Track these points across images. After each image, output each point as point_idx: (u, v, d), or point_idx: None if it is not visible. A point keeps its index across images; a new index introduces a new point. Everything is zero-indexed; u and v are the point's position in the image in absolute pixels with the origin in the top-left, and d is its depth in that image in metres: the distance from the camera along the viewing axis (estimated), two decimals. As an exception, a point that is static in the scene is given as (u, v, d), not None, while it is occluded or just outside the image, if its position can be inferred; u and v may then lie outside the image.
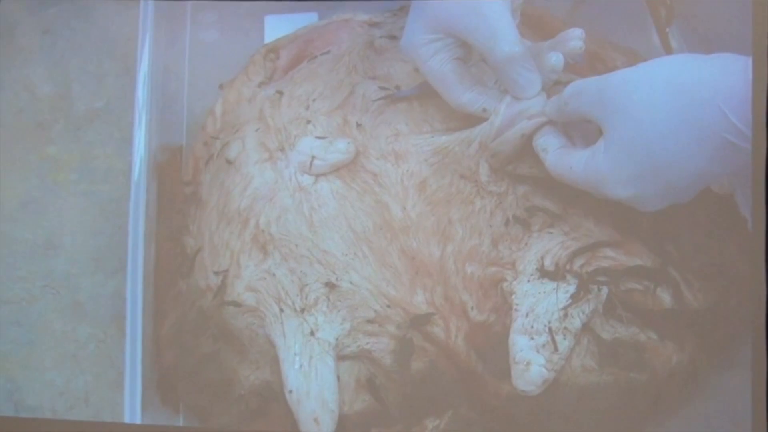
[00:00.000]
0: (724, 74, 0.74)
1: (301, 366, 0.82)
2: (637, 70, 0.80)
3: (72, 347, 0.95)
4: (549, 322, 0.81)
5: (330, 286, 0.86)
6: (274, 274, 0.87)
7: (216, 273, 0.89)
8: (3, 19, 1.11)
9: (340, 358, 0.84)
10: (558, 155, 0.84)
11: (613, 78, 0.80)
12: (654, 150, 0.76)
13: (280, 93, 1.00)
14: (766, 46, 0.74)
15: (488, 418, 0.84)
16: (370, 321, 0.85)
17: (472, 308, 0.85)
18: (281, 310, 0.85)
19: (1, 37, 1.11)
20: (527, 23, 1.04)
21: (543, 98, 0.86)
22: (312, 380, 0.82)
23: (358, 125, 0.94)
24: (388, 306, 0.85)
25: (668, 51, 1.09)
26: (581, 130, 0.84)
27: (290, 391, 0.82)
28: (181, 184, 1.00)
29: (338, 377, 0.83)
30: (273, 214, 0.89)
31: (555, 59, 0.87)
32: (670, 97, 0.76)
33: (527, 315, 0.82)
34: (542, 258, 0.85)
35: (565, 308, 0.81)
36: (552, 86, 0.88)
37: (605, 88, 0.80)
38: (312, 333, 0.84)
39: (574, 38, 0.89)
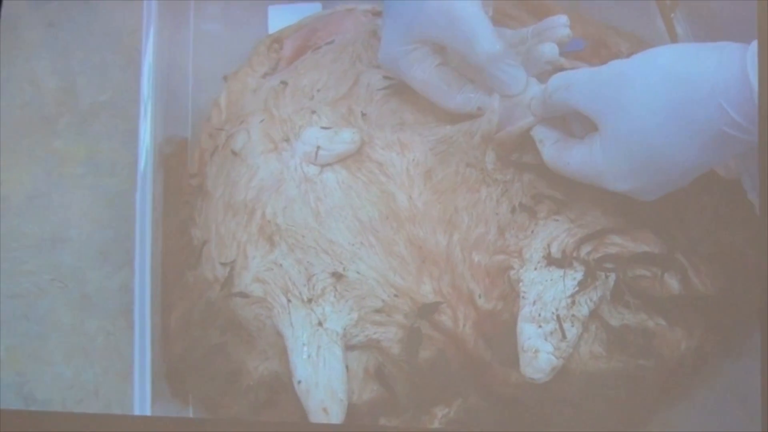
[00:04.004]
0: (723, 66, 0.73)
1: (309, 356, 0.83)
2: (632, 63, 0.79)
3: (80, 340, 0.95)
4: (557, 310, 0.81)
5: (337, 276, 0.86)
6: (281, 265, 0.87)
7: (223, 264, 0.89)
8: (6, 14, 1.11)
9: (349, 347, 0.84)
10: (554, 149, 0.84)
11: (607, 71, 0.80)
12: (652, 145, 0.76)
13: (285, 83, 1.00)
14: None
15: (497, 406, 0.84)
16: (377, 310, 0.85)
17: (479, 296, 0.85)
18: (289, 301, 0.85)
19: (5, 31, 1.11)
20: (529, 9, 1.04)
21: (538, 88, 0.86)
22: (320, 370, 0.82)
23: (363, 115, 0.94)
24: (396, 295, 0.85)
25: (673, 37, 1.09)
26: (579, 116, 0.83)
27: (299, 382, 0.82)
28: (187, 176, 1.00)
29: (347, 367, 0.83)
30: (279, 204, 0.89)
31: (550, 50, 0.88)
32: (667, 92, 0.75)
33: (535, 303, 0.82)
34: (549, 245, 0.85)
35: (572, 295, 0.81)
36: (553, 74, 0.88)
37: (599, 81, 0.79)
38: (320, 323, 0.84)
39: (560, 26, 0.89)
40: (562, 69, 0.88)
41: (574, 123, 0.84)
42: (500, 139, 0.88)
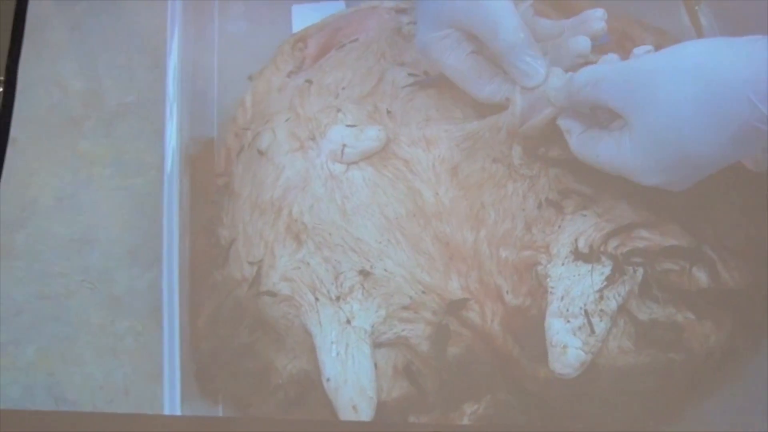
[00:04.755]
0: (753, 60, 0.72)
1: (338, 354, 0.83)
2: (661, 58, 0.78)
3: (110, 341, 0.95)
4: (585, 305, 0.81)
5: (364, 273, 0.86)
6: (308, 263, 0.87)
7: (251, 263, 0.90)
8: (32, 16, 1.12)
9: (377, 345, 0.84)
10: (582, 140, 0.83)
11: (636, 66, 0.79)
12: (682, 139, 0.75)
13: (310, 82, 1.00)
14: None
15: (526, 401, 0.84)
16: (405, 308, 0.85)
17: (507, 292, 0.84)
18: (316, 299, 0.85)
19: (31, 33, 1.11)
20: (555, 7, 1.04)
21: (557, 79, 0.86)
22: (349, 368, 0.82)
23: (389, 112, 0.94)
24: (423, 292, 0.85)
25: (698, 29, 1.09)
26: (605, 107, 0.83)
27: (328, 380, 0.82)
28: (213, 175, 1.00)
29: (375, 364, 0.83)
30: (306, 203, 0.90)
31: (582, 44, 0.87)
32: (698, 88, 0.74)
33: (563, 298, 0.81)
34: (576, 240, 0.85)
35: (600, 290, 0.81)
36: (580, 67, 0.87)
37: (628, 77, 0.79)
38: (348, 321, 0.84)
39: (596, 19, 0.89)
40: (589, 62, 0.88)
41: (601, 111, 0.83)
42: (525, 133, 0.87)
